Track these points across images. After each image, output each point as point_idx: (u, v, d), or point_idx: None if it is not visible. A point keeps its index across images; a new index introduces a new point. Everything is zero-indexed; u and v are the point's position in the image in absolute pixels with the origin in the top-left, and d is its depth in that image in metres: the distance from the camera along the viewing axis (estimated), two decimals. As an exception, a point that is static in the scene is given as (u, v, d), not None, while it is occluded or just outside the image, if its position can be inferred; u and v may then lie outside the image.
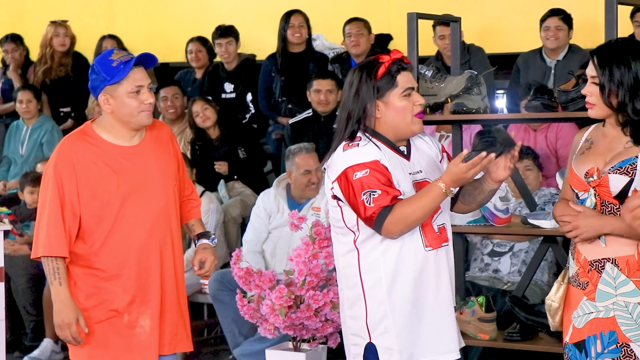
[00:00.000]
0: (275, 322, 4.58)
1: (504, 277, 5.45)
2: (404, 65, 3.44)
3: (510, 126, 6.33)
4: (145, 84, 3.72)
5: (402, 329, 3.42)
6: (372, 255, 3.42)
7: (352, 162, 3.37)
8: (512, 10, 7.51)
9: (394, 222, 3.33)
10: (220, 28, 7.69)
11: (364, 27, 7.29)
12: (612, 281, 3.32)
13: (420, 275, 3.43)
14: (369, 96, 3.41)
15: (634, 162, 3.29)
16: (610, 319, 3.32)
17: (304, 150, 5.93)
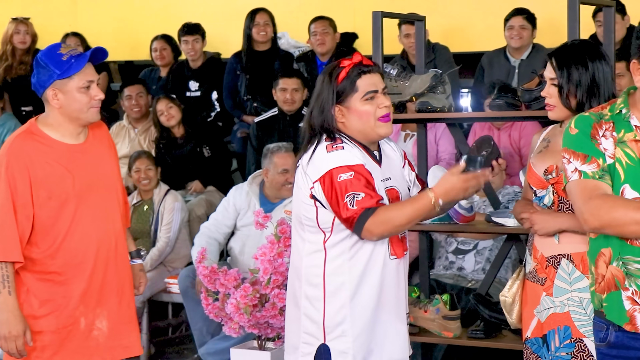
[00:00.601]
0: (240, 320, 4.57)
1: (468, 275, 5.47)
2: (364, 69, 3.40)
3: (475, 125, 6.36)
4: (95, 79, 3.68)
5: (359, 334, 3.40)
6: (340, 259, 3.40)
7: (337, 164, 3.33)
8: (476, 10, 7.55)
9: (376, 223, 3.28)
10: (187, 25, 7.66)
11: (329, 26, 7.30)
12: (567, 277, 3.38)
13: (383, 282, 3.42)
14: (330, 101, 3.39)
15: None
16: (565, 314, 3.37)
17: (283, 149, 5.93)
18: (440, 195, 3.28)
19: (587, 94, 3.38)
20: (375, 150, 3.47)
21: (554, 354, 3.44)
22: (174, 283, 6.39)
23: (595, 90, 3.39)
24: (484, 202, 5.33)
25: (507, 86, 4.87)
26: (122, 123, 7.46)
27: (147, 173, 6.55)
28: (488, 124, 6.22)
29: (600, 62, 3.41)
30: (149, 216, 6.55)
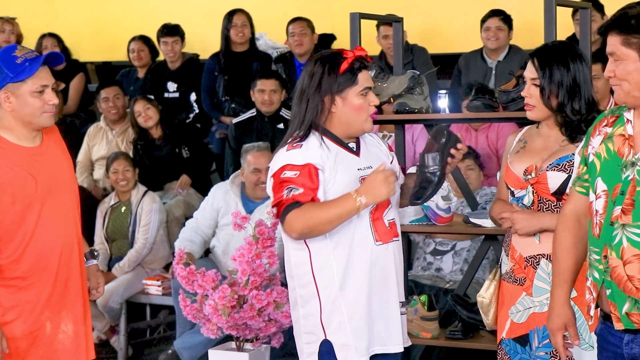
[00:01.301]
0: (218, 322, 4.56)
1: (446, 275, 5.49)
2: (365, 64, 3.43)
3: (452, 126, 6.38)
4: (49, 83, 3.59)
5: (357, 324, 3.42)
6: (324, 252, 3.42)
7: (288, 162, 3.38)
8: (453, 11, 7.57)
9: (298, 216, 3.32)
10: (167, 27, 7.65)
11: (307, 27, 7.30)
12: (546, 276, 3.39)
13: (372, 270, 3.44)
14: (329, 89, 3.40)
15: (571, 159, 3.36)
16: (545, 313, 3.37)
17: (256, 148, 5.94)
18: (362, 192, 3.30)
19: (569, 94, 3.40)
20: (352, 142, 3.49)
21: (534, 353, 3.46)
22: (152, 284, 6.38)
23: (577, 91, 3.41)
24: (462, 203, 5.35)
25: (484, 87, 4.88)
26: (100, 124, 7.44)
27: (125, 174, 6.53)
28: (465, 126, 6.24)
29: (580, 64, 3.44)
30: (126, 217, 6.53)
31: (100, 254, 6.11)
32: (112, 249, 6.60)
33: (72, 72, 7.92)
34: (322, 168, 3.38)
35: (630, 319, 2.81)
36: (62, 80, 7.65)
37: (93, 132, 7.40)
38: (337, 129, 3.45)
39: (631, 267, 2.79)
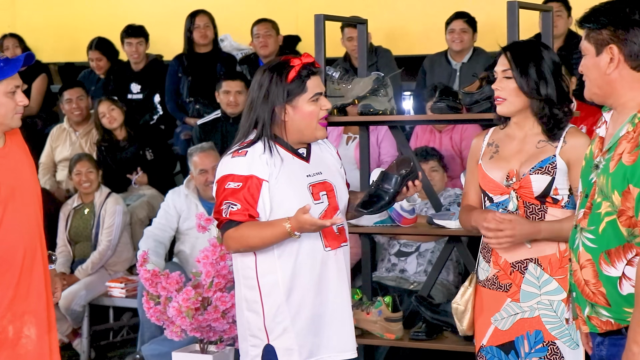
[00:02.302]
0: (182, 324, 4.54)
1: (410, 277, 5.50)
2: (313, 70, 3.45)
3: (416, 128, 6.40)
4: (20, 84, 3.61)
5: (301, 329, 3.43)
6: (269, 258, 3.44)
7: (231, 171, 3.41)
8: (418, 13, 7.60)
9: (233, 237, 3.40)
10: (131, 27, 7.61)
11: (272, 28, 7.30)
12: (535, 281, 3.37)
13: (321, 276, 3.46)
14: (279, 99, 3.41)
15: (553, 161, 3.35)
16: (536, 318, 3.37)
17: (200, 149, 5.95)
18: (294, 228, 3.34)
19: (541, 80, 3.38)
20: (302, 148, 3.52)
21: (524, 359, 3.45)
22: (116, 287, 6.34)
23: (549, 79, 3.39)
24: (426, 204, 5.36)
25: (449, 89, 4.91)
26: (63, 126, 7.38)
27: (88, 176, 6.49)
28: (430, 127, 6.26)
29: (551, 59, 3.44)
30: (90, 219, 6.49)
31: (59, 258, 6.07)
32: (75, 251, 6.55)
33: (34, 73, 7.86)
34: (266, 178, 3.40)
35: (592, 323, 2.83)
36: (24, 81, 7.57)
37: (56, 133, 7.34)
38: (289, 136, 3.47)
39: (586, 271, 2.81)
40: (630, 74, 2.76)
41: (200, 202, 5.93)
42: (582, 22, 2.82)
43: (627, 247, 2.72)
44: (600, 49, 2.77)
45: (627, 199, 2.68)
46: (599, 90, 2.82)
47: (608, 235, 2.74)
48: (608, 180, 2.73)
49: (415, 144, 6.16)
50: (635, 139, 2.69)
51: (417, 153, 5.58)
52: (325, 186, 3.48)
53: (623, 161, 2.69)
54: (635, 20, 2.73)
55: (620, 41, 2.74)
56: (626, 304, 2.74)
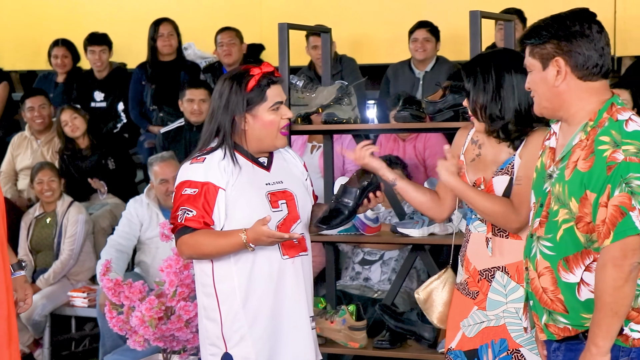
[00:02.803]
0: (145, 333, 4.52)
1: (374, 285, 5.50)
2: (273, 79, 3.46)
3: (380, 136, 6.42)
4: None
5: (259, 338, 3.44)
6: (225, 265, 3.45)
7: (188, 177, 3.43)
8: (382, 22, 7.62)
9: (187, 244, 3.41)
10: (94, 35, 7.58)
11: (236, 37, 7.29)
12: (502, 289, 3.36)
13: (278, 284, 3.46)
14: (238, 108, 3.43)
15: (512, 161, 3.36)
16: (501, 327, 3.37)
17: (160, 159, 5.93)
18: (250, 240, 3.35)
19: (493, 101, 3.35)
20: (263, 157, 3.52)
21: None
22: (78, 296, 6.29)
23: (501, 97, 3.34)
24: (390, 213, 5.37)
25: (412, 98, 4.92)
26: (24, 134, 7.32)
27: (50, 185, 6.44)
28: (393, 136, 6.28)
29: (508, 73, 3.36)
30: (52, 228, 6.44)
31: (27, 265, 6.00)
32: (36, 261, 6.50)
33: None
34: (222, 186, 3.41)
35: (550, 330, 2.86)
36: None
37: (17, 141, 7.28)
38: (249, 145, 3.48)
39: (544, 279, 2.83)
40: (577, 85, 2.81)
41: (161, 212, 5.90)
42: (524, 39, 2.86)
43: (585, 254, 2.76)
44: (546, 63, 2.81)
45: (585, 205, 2.72)
46: (548, 103, 2.85)
47: (566, 243, 2.78)
48: (564, 187, 2.77)
49: (379, 153, 6.17)
50: (589, 146, 2.73)
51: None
52: (285, 195, 3.49)
53: (579, 168, 2.74)
54: (576, 31, 2.78)
55: (565, 53, 2.78)
56: (584, 310, 2.78)
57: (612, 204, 2.66)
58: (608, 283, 2.66)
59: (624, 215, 2.64)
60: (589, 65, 2.78)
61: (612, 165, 2.67)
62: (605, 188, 2.67)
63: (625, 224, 2.64)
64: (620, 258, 2.65)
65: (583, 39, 2.77)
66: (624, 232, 2.64)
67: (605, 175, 2.67)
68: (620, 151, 2.67)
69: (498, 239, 3.39)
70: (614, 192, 2.66)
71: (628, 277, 2.65)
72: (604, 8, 6.88)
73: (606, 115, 2.76)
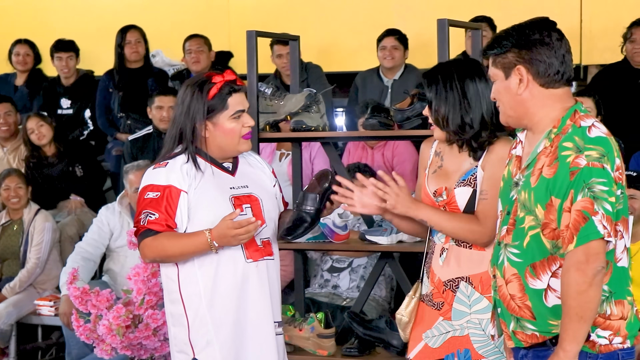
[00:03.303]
0: (113, 342, 4.49)
1: (343, 293, 5.51)
2: (235, 87, 3.46)
3: (349, 144, 6.43)
4: None
5: (225, 342, 3.44)
6: (190, 269, 3.45)
7: (151, 182, 3.46)
8: (350, 30, 7.64)
9: (150, 246, 3.41)
10: (61, 42, 7.54)
11: (204, 44, 7.29)
12: (466, 299, 3.37)
13: (242, 288, 3.47)
14: (199, 115, 3.43)
15: (474, 172, 3.37)
16: (465, 337, 3.37)
17: (136, 167, 5.90)
18: (215, 237, 3.36)
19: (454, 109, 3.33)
20: (227, 162, 3.53)
21: None
22: (44, 305, 6.24)
23: (463, 107, 3.33)
24: (358, 220, 5.38)
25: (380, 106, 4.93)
26: (-10, 141, 7.27)
27: (17, 191, 6.40)
28: (362, 143, 6.29)
29: (471, 80, 3.36)
30: (18, 236, 6.40)
31: None
32: (2, 269, 6.45)
33: None
34: (184, 189, 3.42)
35: (517, 337, 2.87)
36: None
37: (-17, 148, 7.23)
38: (212, 151, 3.50)
39: (512, 286, 2.85)
40: (540, 92, 2.83)
41: (132, 220, 5.87)
42: (487, 50, 2.89)
43: (552, 260, 2.79)
44: (509, 72, 2.84)
45: (550, 211, 2.75)
46: (513, 112, 2.88)
47: (532, 249, 2.81)
48: (530, 194, 2.79)
49: (348, 161, 6.19)
50: (553, 153, 2.76)
51: (349, 169, 5.60)
52: (250, 199, 3.50)
53: (544, 175, 2.76)
54: (536, 39, 2.81)
55: (526, 61, 2.82)
56: (551, 316, 2.80)
57: (575, 209, 2.69)
58: (572, 287, 2.68)
59: (586, 220, 2.67)
60: (550, 73, 2.82)
61: (574, 170, 2.70)
62: (569, 193, 2.70)
63: (588, 229, 2.67)
64: (584, 262, 2.67)
65: (543, 47, 2.81)
66: (586, 236, 2.67)
67: (569, 181, 2.71)
68: (583, 157, 2.70)
69: (462, 249, 3.39)
70: (577, 197, 2.69)
71: (592, 281, 2.68)
72: (570, 17, 6.94)
73: (569, 122, 2.79)
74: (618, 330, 2.78)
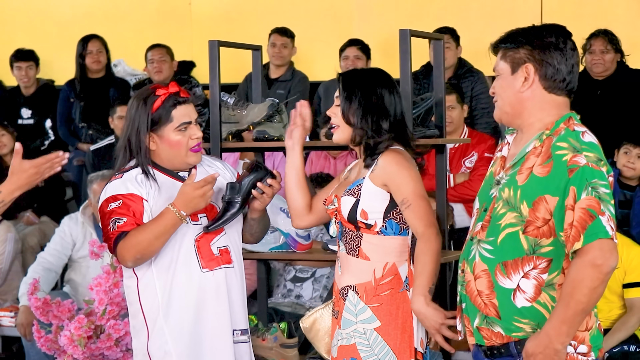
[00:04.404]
0: (74, 353, 4.47)
1: (306, 302, 5.51)
2: (179, 100, 3.46)
3: (312, 154, 6.44)
4: None
5: (182, 353, 3.43)
6: (147, 279, 3.45)
7: (110, 194, 3.44)
8: (313, 39, 7.66)
9: (127, 247, 3.37)
10: (20, 51, 7.50)
11: (166, 54, 7.27)
12: (353, 308, 3.37)
13: (199, 297, 3.46)
14: (143, 127, 3.43)
15: (360, 184, 3.36)
16: (352, 346, 3.37)
17: (101, 177, 5.86)
18: (181, 207, 3.34)
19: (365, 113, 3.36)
20: (184, 172, 3.51)
21: None
22: (5, 316, 6.19)
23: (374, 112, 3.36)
24: (321, 230, 5.39)
25: (343, 116, 4.92)
26: (-50, 151, 7.19)
27: None
28: (324, 153, 6.31)
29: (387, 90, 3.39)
30: (-21, 247, 6.34)
31: None
32: (-36, 280, 6.39)
33: None
34: (144, 197, 3.42)
35: (481, 333, 2.89)
36: None
37: (-58, 158, 7.16)
38: (163, 163, 3.49)
39: (480, 282, 2.86)
40: (542, 94, 2.86)
41: (95, 230, 5.84)
42: (499, 42, 2.90)
43: (526, 260, 2.80)
44: (516, 68, 2.86)
45: (537, 209, 2.76)
46: (510, 109, 2.89)
47: (506, 247, 2.82)
48: (517, 192, 2.80)
49: (310, 170, 6.20)
50: (545, 153, 2.77)
51: (312, 179, 5.61)
52: (205, 208, 3.47)
53: (535, 173, 2.77)
54: (552, 42, 2.83)
55: (537, 61, 2.84)
56: (518, 316, 2.81)
57: (580, 207, 2.69)
58: (585, 283, 2.68)
59: (593, 219, 2.67)
60: (557, 78, 2.84)
61: (574, 168, 2.71)
62: (569, 191, 2.70)
63: (596, 227, 2.67)
64: (600, 258, 2.67)
65: (556, 52, 2.83)
66: (595, 234, 2.67)
67: (567, 178, 2.71)
68: (582, 156, 2.72)
69: (350, 258, 3.40)
70: (580, 195, 2.69)
71: (605, 278, 2.69)
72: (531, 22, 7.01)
73: (563, 125, 2.82)
74: (582, 341, 2.80)
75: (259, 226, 3.65)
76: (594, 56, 6.39)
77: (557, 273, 2.79)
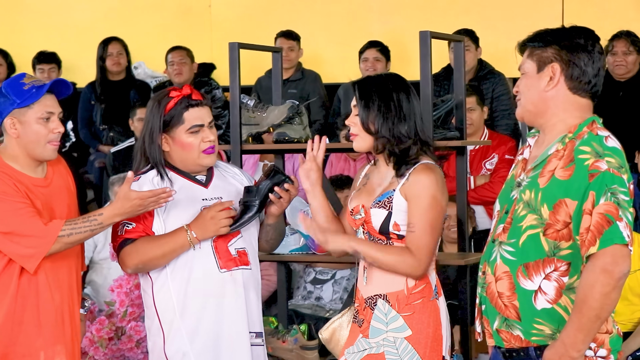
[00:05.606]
0: (96, 354, 4.48)
1: (326, 304, 5.51)
2: (192, 102, 3.47)
3: (331, 156, 6.44)
4: (56, 111, 3.48)
5: (200, 354, 3.44)
6: (161, 280, 3.47)
7: None
8: (332, 42, 7.66)
9: (129, 254, 3.41)
10: (43, 54, 7.55)
11: (186, 56, 7.29)
12: (383, 317, 3.35)
13: (217, 297, 3.47)
14: (156, 129, 3.47)
15: (391, 196, 3.31)
16: (380, 354, 3.34)
17: (122, 179, 5.87)
18: (193, 227, 3.39)
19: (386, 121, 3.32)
20: (201, 175, 3.54)
21: None
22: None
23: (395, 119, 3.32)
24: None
25: (363, 118, 4.92)
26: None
27: None
28: (344, 155, 6.31)
29: (405, 94, 3.35)
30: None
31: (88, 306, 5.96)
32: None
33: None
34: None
35: (500, 336, 2.88)
36: None
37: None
38: (178, 164, 3.52)
39: (501, 283, 2.86)
40: (566, 95, 2.85)
41: (115, 232, 5.86)
42: (527, 41, 2.90)
43: (547, 262, 2.79)
44: (542, 67, 2.85)
45: (557, 212, 2.75)
46: (533, 107, 2.88)
47: (528, 249, 2.81)
48: (538, 194, 2.79)
49: (330, 172, 6.20)
50: (567, 156, 2.76)
51: (332, 181, 5.61)
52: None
53: (557, 176, 2.77)
54: (580, 44, 2.83)
55: (563, 61, 2.83)
56: (538, 319, 2.81)
57: (598, 212, 2.68)
58: (597, 289, 2.68)
59: (610, 224, 2.67)
60: (583, 80, 2.84)
61: (594, 173, 2.70)
62: (589, 195, 2.70)
63: (612, 232, 2.67)
64: (611, 264, 2.67)
65: (584, 53, 2.83)
66: (610, 239, 2.67)
67: (587, 183, 2.71)
68: (604, 161, 2.72)
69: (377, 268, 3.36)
70: (599, 200, 2.68)
71: (617, 284, 2.68)
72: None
73: (586, 129, 2.81)
74: (602, 343, 2.79)
75: (275, 233, 3.65)
76: (616, 57, 6.36)
77: (576, 277, 2.78)
